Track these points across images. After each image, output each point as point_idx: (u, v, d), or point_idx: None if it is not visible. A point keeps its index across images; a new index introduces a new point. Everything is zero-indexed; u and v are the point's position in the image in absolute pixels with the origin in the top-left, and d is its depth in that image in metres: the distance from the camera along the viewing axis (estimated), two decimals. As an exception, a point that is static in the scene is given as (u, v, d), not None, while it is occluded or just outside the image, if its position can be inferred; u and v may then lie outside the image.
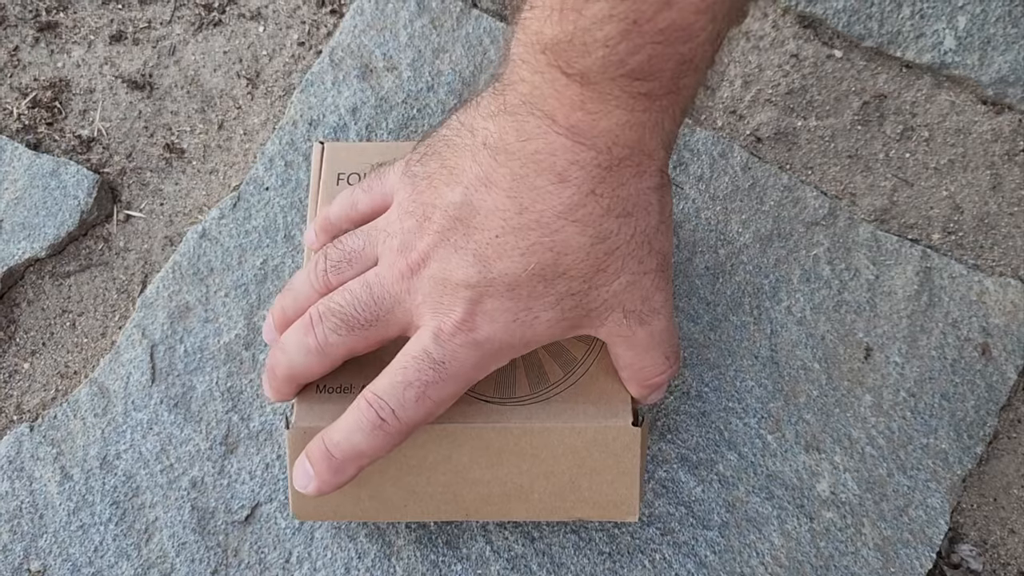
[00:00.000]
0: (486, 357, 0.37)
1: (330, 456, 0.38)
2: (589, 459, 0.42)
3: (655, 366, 0.40)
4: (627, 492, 0.42)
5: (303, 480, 0.40)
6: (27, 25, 0.59)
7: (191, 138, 0.57)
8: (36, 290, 0.54)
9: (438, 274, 0.36)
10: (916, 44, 0.57)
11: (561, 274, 0.35)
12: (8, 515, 0.49)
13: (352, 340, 0.39)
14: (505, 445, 0.41)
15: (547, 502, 0.43)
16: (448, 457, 0.42)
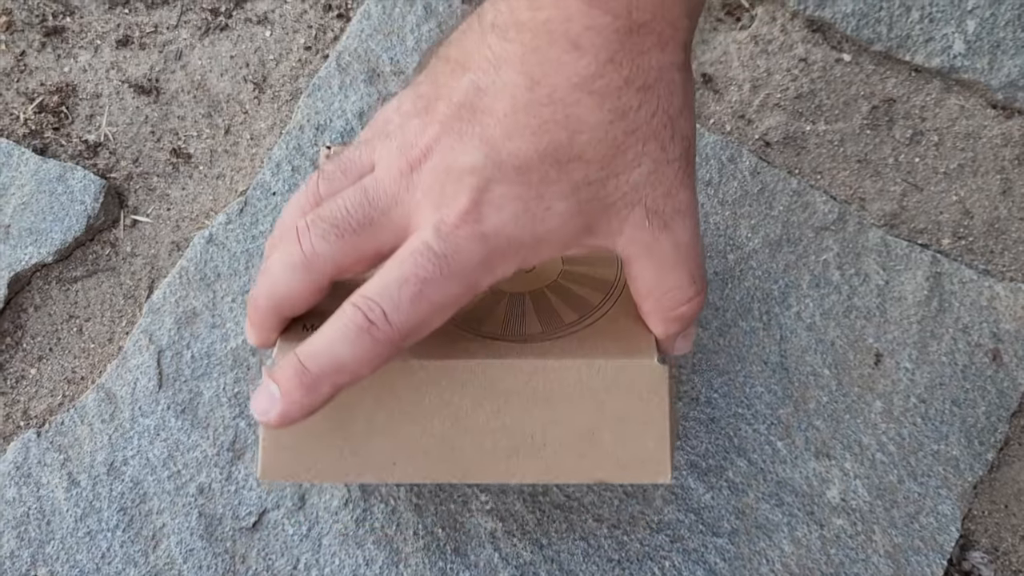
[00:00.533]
0: (493, 254, 0.32)
1: (303, 370, 0.32)
2: (610, 402, 0.35)
3: (680, 289, 0.34)
4: (656, 446, 0.36)
5: (264, 404, 0.32)
6: (34, 30, 0.59)
7: (198, 143, 0.57)
8: (43, 295, 0.54)
9: (440, 164, 0.32)
10: (925, 48, 0.57)
11: (576, 156, 0.31)
12: (15, 521, 0.49)
13: (342, 248, 0.33)
14: (513, 385, 0.36)
15: (563, 459, 0.36)
16: (447, 402, 0.36)
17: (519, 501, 0.49)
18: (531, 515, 0.49)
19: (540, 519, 0.49)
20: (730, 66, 0.58)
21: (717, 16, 0.59)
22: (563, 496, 0.49)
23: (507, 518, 0.49)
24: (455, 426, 0.36)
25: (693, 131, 0.34)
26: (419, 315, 0.32)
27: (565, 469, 0.36)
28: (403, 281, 0.31)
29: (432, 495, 0.49)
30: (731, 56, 0.58)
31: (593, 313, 0.38)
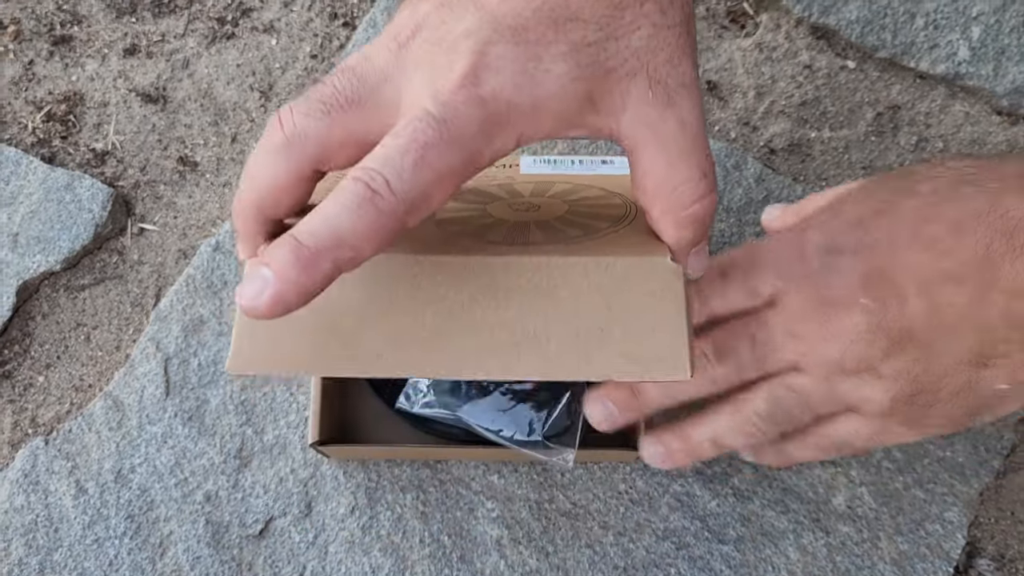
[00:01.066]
0: (492, 120, 0.30)
1: (299, 246, 0.28)
2: (621, 299, 0.33)
3: (691, 183, 0.32)
4: (672, 341, 0.32)
5: (255, 287, 0.28)
6: (42, 39, 0.59)
7: (204, 151, 0.57)
8: (51, 303, 0.54)
9: (432, 36, 0.30)
10: (930, 55, 0.57)
11: (573, 16, 0.30)
12: (24, 529, 0.49)
13: (328, 126, 0.31)
14: (515, 282, 0.33)
15: (569, 355, 0.32)
16: (443, 296, 0.33)
17: (525, 508, 0.49)
18: (537, 523, 0.49)
19: (546, 526, 0.49)
20: (735, 73, 0.58)
21: (722, 24, 0.59)
22: (569, 503, 0.49)
23: (513, 525, 0.49)
24: (450, 319, 0.32)
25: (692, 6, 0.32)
26: (422, 183, 0.29)
27: (571, 366, 0.32)
28: (404, 150, 0.29)
29: (438, 503, 0.49)
30: (736, 63, 0.58)
31: (597, 234, 0.35)
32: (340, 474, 0.49)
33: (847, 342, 0.36)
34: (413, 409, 0.45)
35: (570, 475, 0.50)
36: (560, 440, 0.44)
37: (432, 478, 0.49)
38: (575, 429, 0.44)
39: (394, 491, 0.49)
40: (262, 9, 0.60)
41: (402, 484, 0.49)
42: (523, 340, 0.32)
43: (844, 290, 0.36)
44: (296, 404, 0.51)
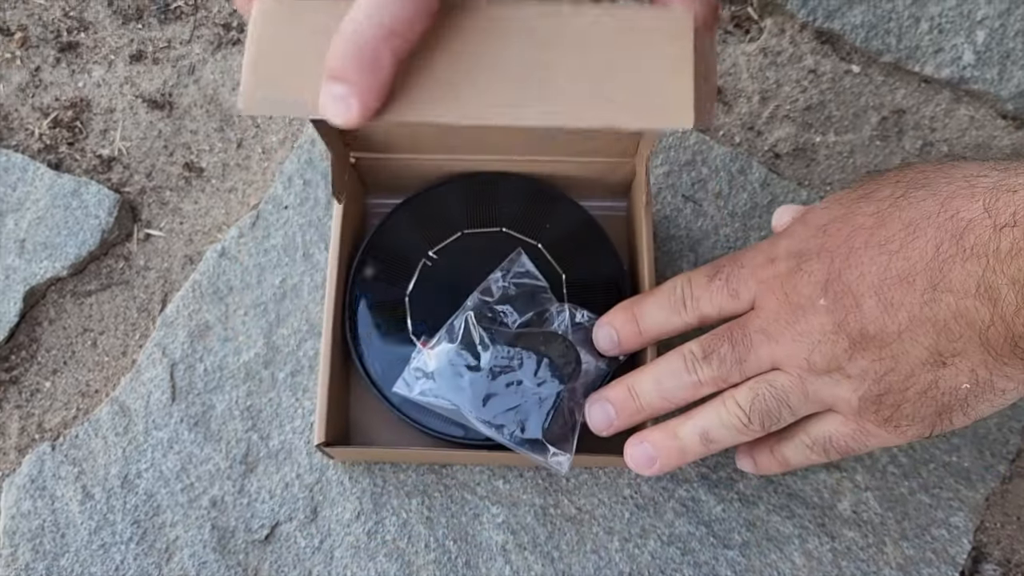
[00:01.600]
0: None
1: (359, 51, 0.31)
2: (629, 44, 0.32)
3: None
4: (678, 89, 0.32)
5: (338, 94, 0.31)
6: (48, 45, 0.60)
7: (210, 157, 0.58)
8: (57, 309, 0.55)
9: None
10: (935, 59, 0.57)
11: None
12: (30, 534, 0.49)
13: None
14: (519, 27, 0.33)
15: (573, 101, 0.33)
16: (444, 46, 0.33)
17: (530, 514, 0.49)
18: (542, 528, 0.49)
19: (551, 532, 0.49)
20: (739, 78, 0.58)
21: (726, 29, 0.59)
22: (574, 508, 0.49)
23: (518, 531, 0.49)
24: (452, 66, 0.32)
25: None
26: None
27: (575, 112, 0.32)
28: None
29: (444, 508, 0.49)
30: (740, 68, 0.58)
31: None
32: (346, 479, 0.50)
33: (814, 342, 0.38)
34: (411, 394, 0.45)
35: (575, 480, 0.50)
36: (558, 444, 0.44)
37: (437, 483, 0.50)
38: (573, 435, 0.44)
39: (399, 496, 0.49)
40: (267, 15, 0.60)
41: (407, 489, 0.49)
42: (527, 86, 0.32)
43: (808, 292, 0.38)
44: (302, 409, 0.51)
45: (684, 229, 0.54)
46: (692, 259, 0.53)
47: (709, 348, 0.41)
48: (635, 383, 0.43)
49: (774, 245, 0.41)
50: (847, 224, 0.38)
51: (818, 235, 0.39)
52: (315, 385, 0.51)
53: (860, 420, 0.39)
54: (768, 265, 0.40)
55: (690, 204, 0.55)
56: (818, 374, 0.38)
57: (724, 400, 0.41)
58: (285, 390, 0.51)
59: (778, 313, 0.39)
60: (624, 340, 0.44)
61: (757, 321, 0.40)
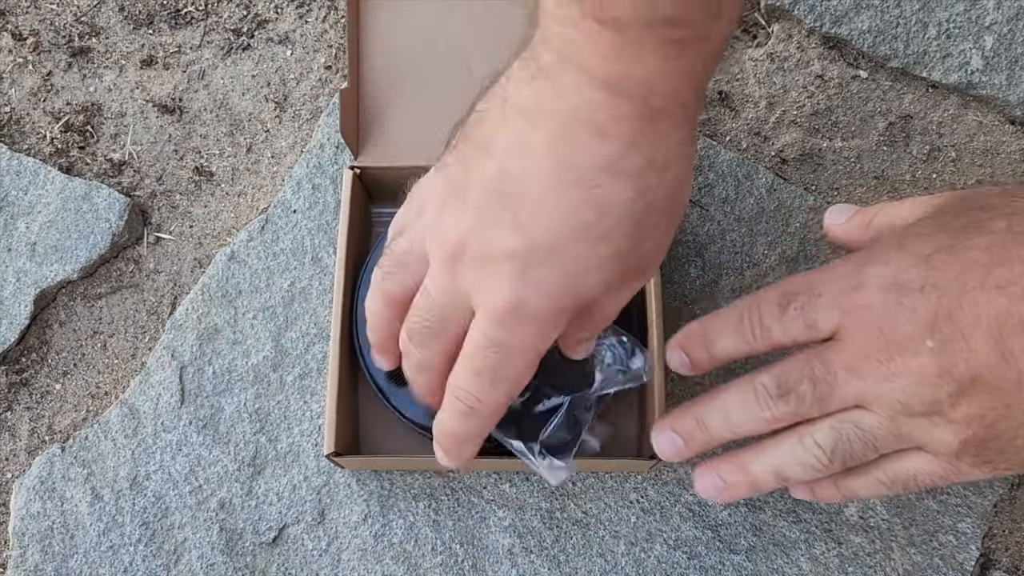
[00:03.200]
0: (546, 325, 0.36)
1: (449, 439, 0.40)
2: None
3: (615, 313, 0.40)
4: None
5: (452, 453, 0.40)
6: (60, 50, 0.60)
7: (220, 161, 0.58)
8: (68, 312, 0.55)
9: (478, 254, 0.35)
10: (942, 64, 0.57)
11: (604, 236, 0.34)
12: (40, 535, 0.49)
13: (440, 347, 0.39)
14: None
15: None
16: None
17: (536, 517, 0.49)
18: (549, 532, 0.49)
19: (558, 536, 0.49)
20: (746, 83, 0.58)
21: (733, 34, 0.59)
22: (580, 512, 0.49)
23: (525, 534, 0.49)
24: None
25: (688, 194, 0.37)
26: (505, 389, 0.37)
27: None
28: (478, 373, 0.37)
29: (450, 511, 0.49)
30: (747, 73, 0.58)
31: None
32: (353, 482, 0.50)
33: (912, 384, 0.35)
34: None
35: (581, 484, 0.50)
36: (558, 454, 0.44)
37: (444, 486, 0.50)
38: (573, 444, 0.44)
39: (407, 499, 0.49)
40: (277, 21, 0.61)
41: (414, 492, 0.50)
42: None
43: (910, 331, 0.35)
44: (310, 412, 0.51)
45: (691, 234, 0.54)
46: (699, 264, 0.53)
47: (786, 386, 0.38)
48: (703, 415, 0.40)
49: (859, 270, 0.37)
50: (957, 258, 0.35)
51: (921, 266, 0.35)
52: (323, 388, 0.51)
53: (956, 461, 0.36)
54: (854, 293, 0.37)
55: (696, 209, 0.55)
56: (913, 416, 0.35)
57: (802, 438, 0.38)
58: (293, 393, 0.51)
59: (868, 350, 0.36)
60: (695, 363, 0.42)
61: (842, 356, 0.36)
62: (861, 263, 0.37)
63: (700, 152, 0.56)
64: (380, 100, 0.52)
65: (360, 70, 0.53)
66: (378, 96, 0.52)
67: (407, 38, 0.53)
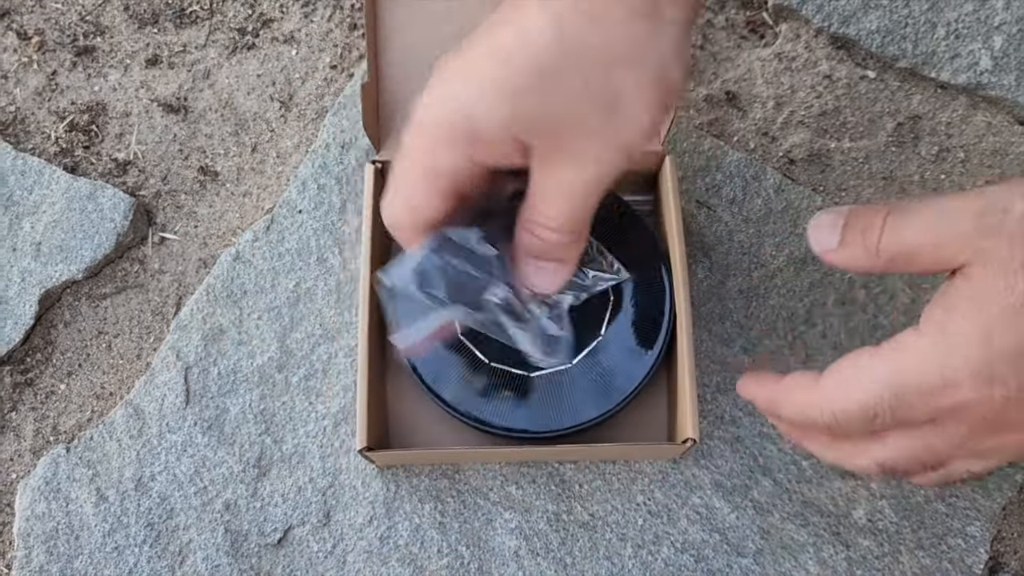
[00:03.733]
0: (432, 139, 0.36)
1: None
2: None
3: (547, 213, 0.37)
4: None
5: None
6: (65, 49, 0.60)
7: (225, 161, 0.58)
8: (73, 312, 0.55)
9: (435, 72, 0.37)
10: (951, 65, 0.57)
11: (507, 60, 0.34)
12: (45, 536, 0.49)
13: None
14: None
15: None
16: None
17: (543, 520, 0.49)
18: (555, 534, 0.49)
19: (564, 538, 0.49)
20: (754, 83, 0.58)
21: (741, 34, 0.59)
22: (587, 515, 0.49)
23: (531, 537, 0.49)
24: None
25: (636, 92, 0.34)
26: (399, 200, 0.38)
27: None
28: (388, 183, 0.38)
29: (456, 513, 0.49)
30: (755, 73, 0.58)
31: None
32: (358, 484, 0.50)
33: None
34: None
35: (588, 486, 0.49)
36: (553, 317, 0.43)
37: (450, 488, 0.49)
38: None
39: (412, 501, 0.49)
40: (282, 20, 0.60)
41: (420, 494, 0.49)
42: None
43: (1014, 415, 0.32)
44: (315, 413, 0.51)
45: (698, 235, 0.54)
46: (707, 264, 0.53)
47: (903, 472, 0.36)
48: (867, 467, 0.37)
49: (946, 364, 0.32)
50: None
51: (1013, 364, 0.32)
52: (328, 389, 0.51)
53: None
54: (948, 392, 0.32)
55: (704, 210, 0.54)
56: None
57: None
58: (299, 394, 0.51)
59: (972, 435, 0.33)
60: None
61: (948, 445, 0.34)
62: (944, 357, 0.33)
63: (707, 152, 0.55)
64: (398, 94, 0.52)
65: (378, 65, 0.52)
66: (396, 90, 0.52)
67: (423, 31, 0.53)
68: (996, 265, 0.32)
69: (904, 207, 0.34)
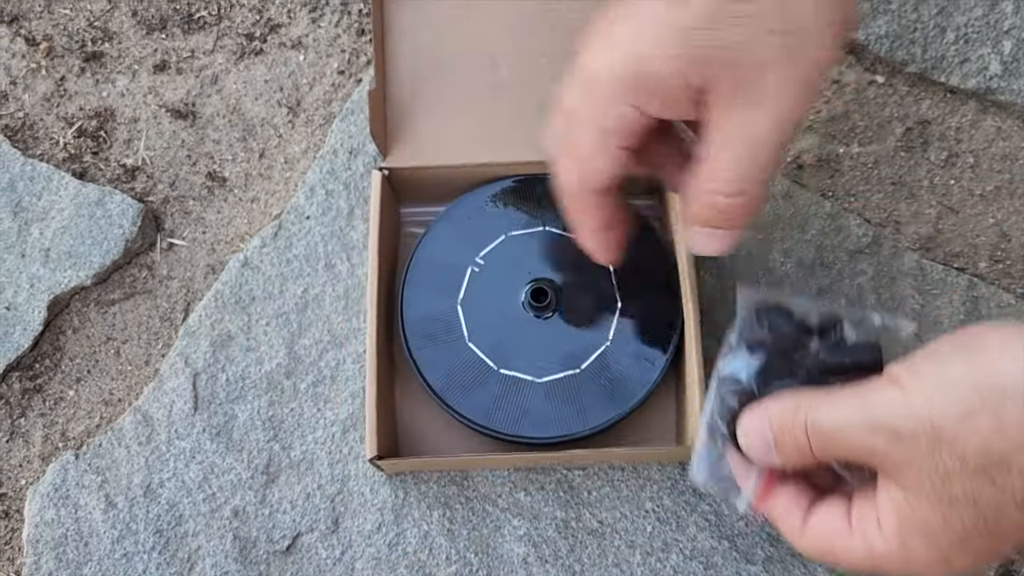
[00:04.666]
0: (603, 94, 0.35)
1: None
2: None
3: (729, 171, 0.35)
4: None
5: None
6: (73, 55, 0.60)
7: (233, 167, 0.58)
8: (81, 318, 0.55)
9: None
10: (960, 69, 0.57)
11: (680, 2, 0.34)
12: (54, 542, 0.49)
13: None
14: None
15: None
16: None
17: (551, 527, 0.49)
18: (564, 541, 0.49)
19: (573, 545, 0.48)
20: None
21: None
22: (596, 522, 0.49)
23: (540, 544, 0.49)
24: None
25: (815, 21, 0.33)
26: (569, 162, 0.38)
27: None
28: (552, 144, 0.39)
29: (465, 520, 0.49)
30: (763, 78, 0.58)
31: None
32: (367, 490, 0.50)
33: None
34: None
35: (596, 493, 0.49)
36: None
37: (459, 495, 0.49)
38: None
39: (421, 508, 0.49)
40: (290, 25, 0.60)
41: (429, 501, 0.49)
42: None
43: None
44: (323, 420, 0.51)
45: (707, 240, 0.54)
46: (714, 271, 0.53)
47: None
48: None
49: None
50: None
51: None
52: (336, 395, 0.51)
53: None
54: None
55: (713, 215, 0.54)
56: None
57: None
58: (307, 400, 0.51)
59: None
60: None
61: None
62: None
63: (716, 158, 0.55)
64: (406, 101, 0.52)
65: (385, 70, 0.52)
66: (404, 97, 0.52)
67: (431, 36, 0.53)
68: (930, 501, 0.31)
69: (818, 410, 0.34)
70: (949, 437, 0.30)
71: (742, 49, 0.32)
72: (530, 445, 0.48)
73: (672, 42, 0.32)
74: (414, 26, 0.53)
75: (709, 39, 0.32)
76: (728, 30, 0.32)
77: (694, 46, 0.32)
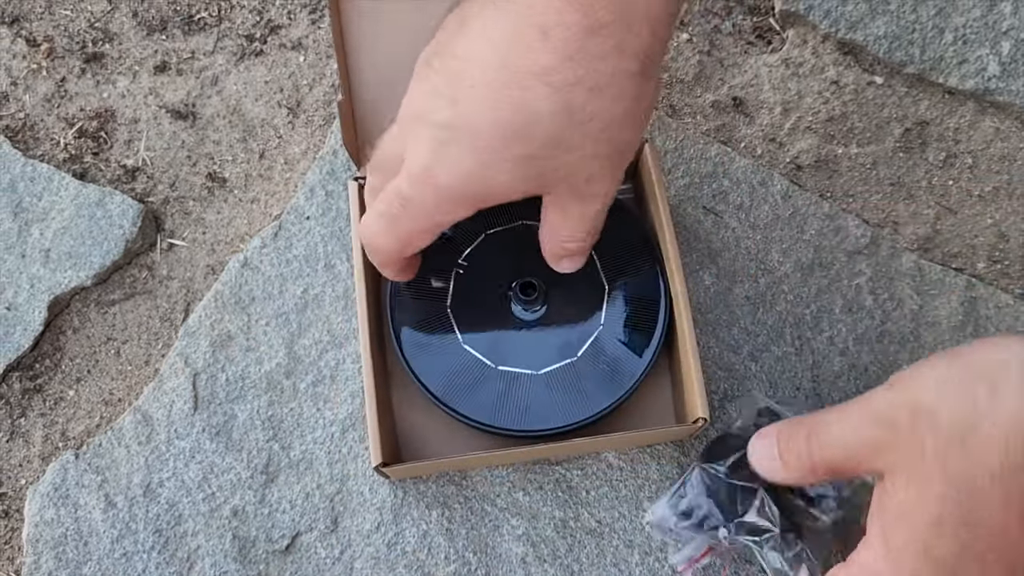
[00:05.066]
0: (447, 202, 0.39)
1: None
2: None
3: (572, 235, 0.41)
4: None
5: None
6: (74, 56, 0.60)
7: (233, 167, 0.58)
8: (81, 318, 0.55)
9: (418, 116, 0.38)
10: (959, 70, 0.57)
11: (522, 136, 0.36)
12: (54, 542, 0.49)
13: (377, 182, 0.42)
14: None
15: None
16: None
17: (550, 526, 0.49)
18: (562, 541, 0.49)
19: (571, 545, 0.49)
20: (761, 89, 0.58)
21: (748, 39, 0.59)
22: (594, 521, 0.49)
23: (538, 543, 0.49)
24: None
25: (633, 137, 0.38)
26: (396, 240, 0.41)
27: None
28: (382, 214, 0.40)
29: (463, 519, 0.49)
30: (762, 79, 0.58)
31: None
32: (366, 490, 0.50)
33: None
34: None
35: (595, 492, 0.50)
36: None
37: (457, 495, 0.50)
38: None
39: (419, 508, 0.49)
40: (290, 26, 0.61)
41: (428, 501, 0.49)
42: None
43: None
44: (323, 420, 0.51)
45: (704, 241, 0.54)
46: (713, 271, 0.53)
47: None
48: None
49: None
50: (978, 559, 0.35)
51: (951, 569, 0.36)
52: (336, 395, 0.51)
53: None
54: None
55: (711, 216, 0.54)
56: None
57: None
58: (307, 400, 0.51)
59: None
60: None
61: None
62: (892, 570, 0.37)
63: (714, 158, 0.55)
64: (375, 108, 0.52)
65: (351, 81, 0.52)
66: (374, 104, 0.52)
67: (393, 43, 0.53)
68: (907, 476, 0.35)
69: (821, 420, 0.39)
70: (927, 407, 0.35)
71: (576, 171, 0.38)
72: (536, 438, 0.48)
73: (519, 170, 0.37)
74: (375, 34, 0.53)
75: (550, 166, 0.37)
76: (564, 157, 0.37)
77: (538, 172, 0.37)
